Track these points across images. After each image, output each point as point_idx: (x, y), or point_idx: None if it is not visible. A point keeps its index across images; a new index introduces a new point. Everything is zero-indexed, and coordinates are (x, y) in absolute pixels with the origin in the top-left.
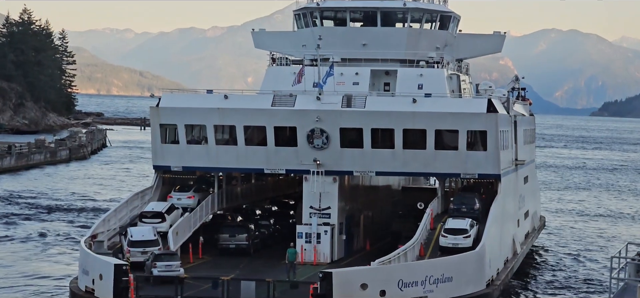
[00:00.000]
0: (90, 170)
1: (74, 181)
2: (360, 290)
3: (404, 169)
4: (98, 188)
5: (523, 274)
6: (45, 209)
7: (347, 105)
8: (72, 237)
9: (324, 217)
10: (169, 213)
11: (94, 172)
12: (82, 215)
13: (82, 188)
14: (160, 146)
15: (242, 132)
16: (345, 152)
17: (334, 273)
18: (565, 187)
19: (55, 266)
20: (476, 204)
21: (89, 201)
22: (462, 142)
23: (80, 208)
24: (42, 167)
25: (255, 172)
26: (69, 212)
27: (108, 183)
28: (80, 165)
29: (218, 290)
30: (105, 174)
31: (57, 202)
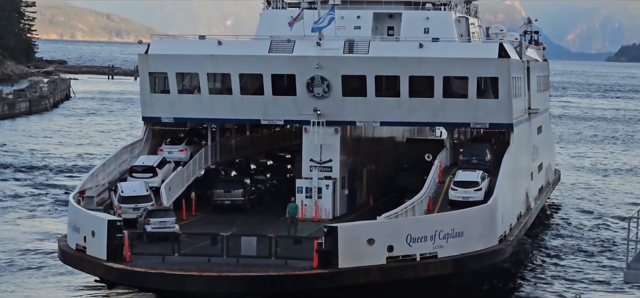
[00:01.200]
0: (53, 123)
1: (36, 136)
2: (367, 246)
3: (410, 119)
4: (64, 143)
5: (536, 231)
6: (10, 167)
7: (349, 51)
8: (50, 195)
9: (325, 171)
10: (160, 168)
11: (59, 126)
12: (54, 172)
13: (47, 143)
14: (150, 96)
15: (237, 80)
16: (347, 101)
17: (339, 228)
18: (579, 139)
19: (39, 225)
20: (487, 155)
21: (58, 159)
22: (472, 90)
23: (48, 165)
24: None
25: (252, 123)
26: (36, 170)
27: (75, 138)
28: (41, 119)
29: (217, 247)
30: (71, 127)
31: (20, 160)
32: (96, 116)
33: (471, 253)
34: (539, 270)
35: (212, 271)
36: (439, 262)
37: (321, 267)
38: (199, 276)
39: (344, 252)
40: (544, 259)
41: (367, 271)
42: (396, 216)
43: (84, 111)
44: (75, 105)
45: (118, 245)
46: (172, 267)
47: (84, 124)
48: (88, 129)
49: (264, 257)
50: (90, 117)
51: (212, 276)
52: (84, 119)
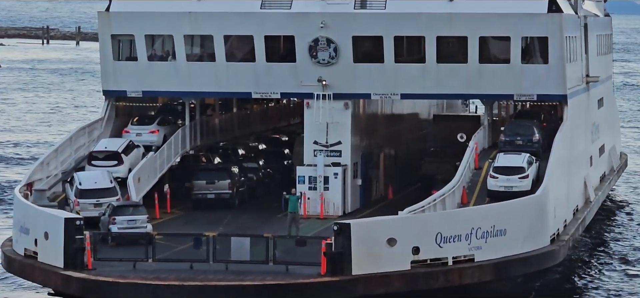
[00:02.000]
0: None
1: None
2: (387, 247)
3: (438, 90)
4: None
5: (597, 229)
6: None
7: (361, 6)
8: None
9: (333, 155)
10: (127, 153)
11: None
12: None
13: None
14: (112, 64)
15: (222, 43)
16: (359, 68)
17: (352, 225)
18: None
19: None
20: (535, 135)
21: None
22: (515, 53)
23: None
24: None
25: (240, 97)
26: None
27: (4, 121)
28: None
29: (201, 250)
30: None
31: None
32: (28, 92)
33: (516, 256)
34: (599, 278)
35: (196, 280)
36: (477, 266)
37: (330, 274)
38: (180, 286)
39: (359, 255)
40: (605, 264)
41: (387, 279)
42: (422, 210)
43: (12, 86)
44: (3, 77)
45: (78, 250)
46: (146, 275)
47: (12, 102)
48: (19, 110)
49: (260, 262)
50: (21, 94)
51: (196, 286)
52: (12, 96)
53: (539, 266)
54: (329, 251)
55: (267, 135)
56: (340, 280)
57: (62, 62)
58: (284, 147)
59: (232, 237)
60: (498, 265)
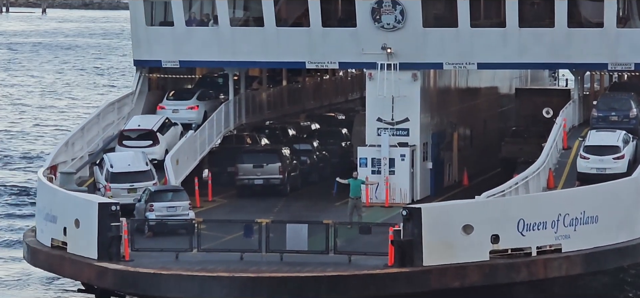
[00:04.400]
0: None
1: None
2: (463, 235)
3: (520, 59)
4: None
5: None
6: None
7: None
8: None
9: (400, 135)
10: (162, 132)
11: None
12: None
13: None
14: (145, 30)
15: (271, 5)
16: (429, 34)
17: (423, 210)
18: None
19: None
20: (632, 110)
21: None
22: (609, 15)
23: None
24: None
25: (291, 67)
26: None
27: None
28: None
29: (253, 239)
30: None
31: None
32: (28, 67)
33: (609, 247)
34: None
35: (248, 271)
36: (564, 258)
37: (399, 265)
38: (230, 278)
39: (431, 244)
40: None
41: (462, 271)
42: (503, 194)
43: (9, 62)
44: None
45: (114, 238)
46: (191, 266)
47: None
48: (27, 87)
49: (319, 252)
50: (25, 68)
51: (248, 278)
52: (15, 71)
53: (635, 258)
54: (397, 239)
55: (322, 113)
56: (410, 271)
57: (25, 34)
58: (341, 126)
59: (288, 224)
60: (589, 256)
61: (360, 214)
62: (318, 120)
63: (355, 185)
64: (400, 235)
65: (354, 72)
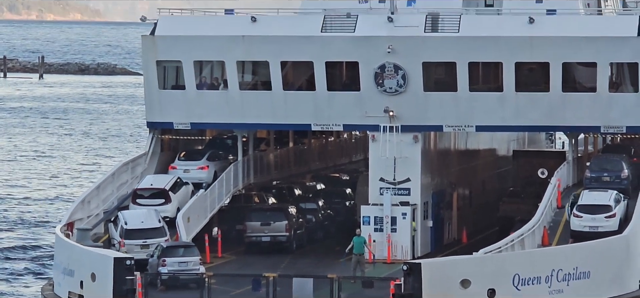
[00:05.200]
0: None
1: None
2: (461, 289)
3: (517, 122)
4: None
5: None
6: None
7: (432, 29)
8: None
9: (402, 194)
10: (174, 191)
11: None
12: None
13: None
14: (158, 94)
15: (279, 70)
16: (430, 97)
17: (423, 265)
18: None
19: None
20: (623, 171)
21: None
22: (602, 81)
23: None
24: None
25: (298, 129)
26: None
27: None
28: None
29: (261, 293)
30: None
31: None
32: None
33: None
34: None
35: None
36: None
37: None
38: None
39: (431, 296)
40: None
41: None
42: (499, 250)
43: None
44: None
45: (128, 291)
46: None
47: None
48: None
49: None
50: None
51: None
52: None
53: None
54: (399, 293)
55: (327, 173)
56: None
57: (22, 99)
58: (345, 186)
59: (294, 278)
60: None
61: (363, 270)
62: (323, 181)
63: (358, 243)
64: (402, 289)
65: (358, 134)
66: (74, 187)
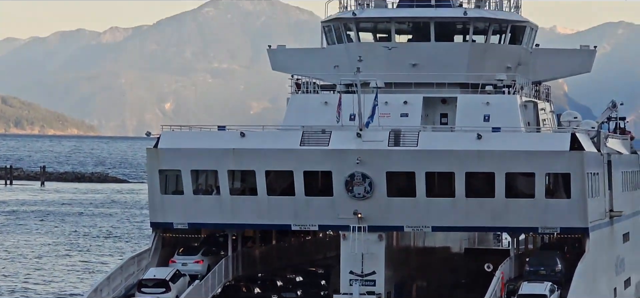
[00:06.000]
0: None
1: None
2: None
3: (467, 223)
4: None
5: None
6: None
7: (394, 143)
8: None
9: (368, 285)
10: (174, 281)
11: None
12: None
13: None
14: (160, 198)
15: (264, 178)
16: (393, 202)
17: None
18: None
19: None
20: (558, 265)
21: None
22: (539, 188)
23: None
24: None
25: (280, 228)
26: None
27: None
28: None
29: None
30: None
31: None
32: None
33: None
34: None
35: None
36: None
37: None
38: None
39: None
40: None
41: None
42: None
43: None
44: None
45: None
46: None
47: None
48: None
49: None
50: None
51: None
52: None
53: None
54: None
55: (304, 267)
56: None
57: (25, 203)
58: (320, 278)
59: None
60: None
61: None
62: (301, 273)
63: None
64: None
65: (331, 233)
66: (73, 282)
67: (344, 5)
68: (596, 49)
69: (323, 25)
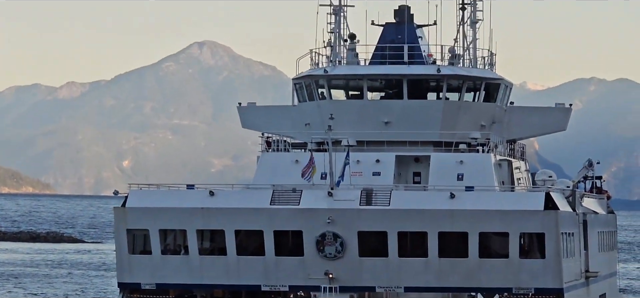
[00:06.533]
0: None
1: None
2: None
3: (440, 284)
4: None
5: None
6: None
7: (366, 203)
8: None
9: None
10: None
11: None
12: None
13: None
14: (128, 257)
15: (233, 238)
16: (365, 262)
17: None
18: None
19: None
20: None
21: None
22: (513, 248)
23: None
24: None
25: (250, 289)
26: None
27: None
28: None
29: None
30: None
31: None
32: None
33: None
34: None
35: None
36: None
37: None
38: None
39: None
40: None
41: None
42: None
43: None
44: None
45: None
46: None
47: None
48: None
49: None
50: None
51: None
52: None
53: None
54: None
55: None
56: None
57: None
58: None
59: None
60: None
61: None
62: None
63: None
64: None
65: (302, 294)
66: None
67: (316, 62)
68: (572, 107)
69: (294, 82)
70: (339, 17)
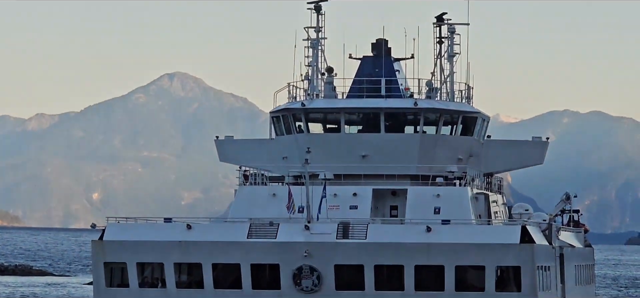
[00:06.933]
0: None
1: None
2: None
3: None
4: None
5: None
6: None
7: (343, 236)
8: None
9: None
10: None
11: None
12: None
13: None
14: (105, 291)
15: (211, 271)
16: (341, 295)
17: None
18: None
19: None
20: None
21: None
22: (489, 282)
23: None
24: None
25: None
26: None
27: None
28: None
29: None
30: None
31: None
32: None
33: None
34: None
35: None
36: None
37: None
38: None
39: None
40: None
41: None
42: None
43: None
44: None
45: None
46: None
47: None
48: None
49: None
50: None
51: None
52: None
53: None
54: None
55: None
56: None
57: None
58: None
59: None
60: None
61: None
62: None
63: None
64: None
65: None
66: None
67: (293, 95)
68: (548, 140)
69: (272, 115)
70: (317, 51)
